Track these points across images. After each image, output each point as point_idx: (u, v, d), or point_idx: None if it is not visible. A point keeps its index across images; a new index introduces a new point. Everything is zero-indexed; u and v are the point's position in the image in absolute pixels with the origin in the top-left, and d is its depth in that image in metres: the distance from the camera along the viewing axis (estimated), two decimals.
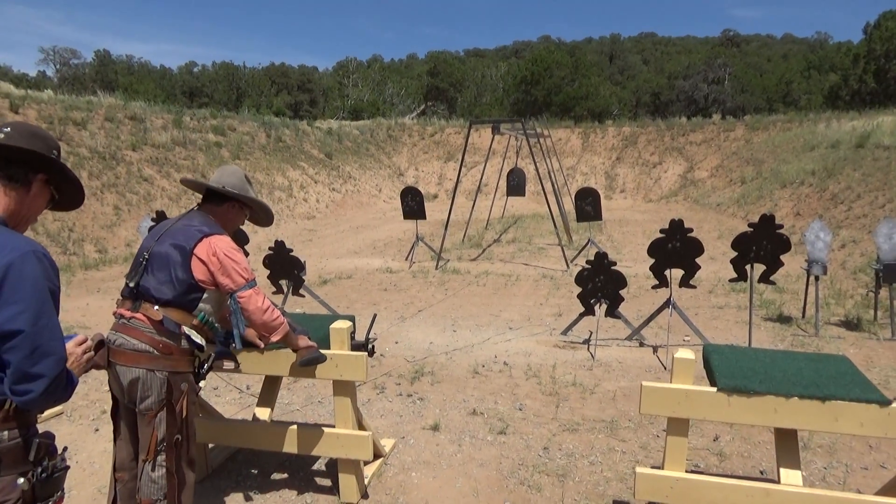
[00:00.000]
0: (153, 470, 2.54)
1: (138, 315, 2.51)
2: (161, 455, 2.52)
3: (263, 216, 3.02)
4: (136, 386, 2.48)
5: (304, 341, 3.04)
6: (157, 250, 2.56)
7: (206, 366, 2.70)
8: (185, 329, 2.54)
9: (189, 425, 2.63)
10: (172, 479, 2.55)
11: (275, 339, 2.78)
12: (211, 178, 2.83)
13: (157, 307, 2.50)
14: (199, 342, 2.59)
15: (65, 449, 1.91)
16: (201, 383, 2.70)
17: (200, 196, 2.89)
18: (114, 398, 2.68)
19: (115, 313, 2.62)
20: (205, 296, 2.59)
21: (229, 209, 2.83)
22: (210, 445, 3.82)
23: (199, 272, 2.54)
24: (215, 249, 2.56)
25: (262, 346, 3.05)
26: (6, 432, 1.71)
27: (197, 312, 2.58)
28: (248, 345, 3.07)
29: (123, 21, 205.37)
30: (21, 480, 1.72)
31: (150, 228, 7.57)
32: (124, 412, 2.66)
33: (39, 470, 1.76)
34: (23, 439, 1.74)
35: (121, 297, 2.63)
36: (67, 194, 2.06)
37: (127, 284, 2.60)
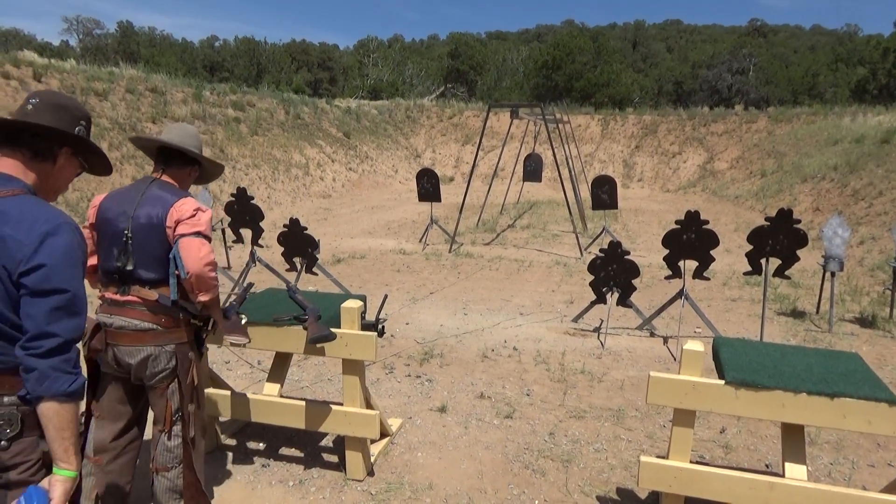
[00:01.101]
0: (169, 439, 2.58)
1: (131, 297, 2.49)
2: (177, 424, 2.58)
3: (217, 173, 2.98)
4: (146, 363, 2.51)
5: (224, 321, 2.86)
6: (135, 229, 2.50)
7: (205, 332, 2.73)
8: (181, 301, 2.56)
9: (200, 393, 2.68)
10: (188, 446, 2.61)
11: (203, 298, 2.55)
12: (167, 136, 2.71)
13: (149, 287, 2.50)
14: (195, 310, 2.61)
15: (83, 414, 1.96)
16: (202, 348, 2.74)
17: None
18: (95, 377, 2.64)
19: (101, 297, 2.58)
20: None
21: (190, 172, 2.78)
22: (220, 418, 3.88)
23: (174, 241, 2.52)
24: (182, 212, 2.50)
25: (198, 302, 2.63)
26: None
27: None
28: (182, 306, 2.66)
29: None
30: (42, 442, 1.78)
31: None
32: (116, 389, 2.63)
33: None
34: None
35: (101, 281, 2.59)
36: (95, 164, 2.13)
37: (106, 268, 2.55)
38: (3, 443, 1.76)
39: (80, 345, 1.88)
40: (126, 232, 2.50)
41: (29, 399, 1.74)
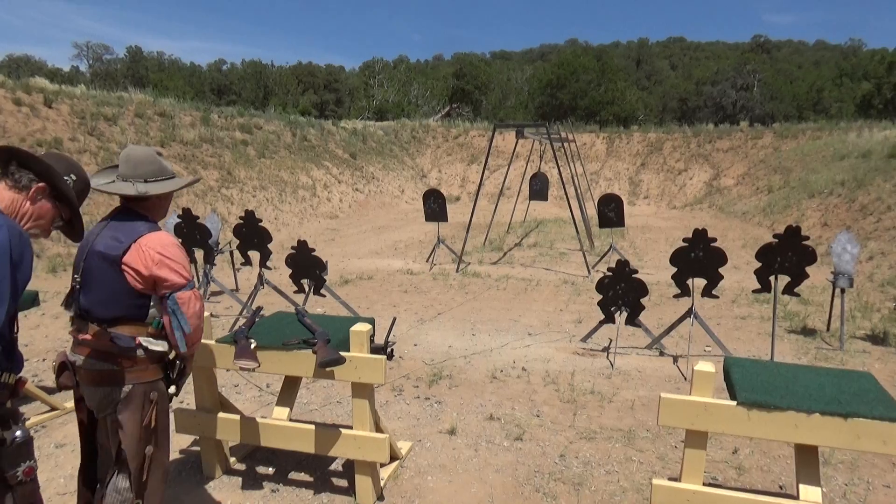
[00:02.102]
0: (119, 481, 2.48)
1: (88, 336, 2.43)
2: (129, 465, 2.46)
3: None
4: (105, 402, 2.45)
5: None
6: (88, 267, 2.44)
7: (178, 369, 2.63)
8: (141, 340, 2.45)
9: (160, 434, 2.55)
10: (141, 491, 2.48)
11: (193, 350, 2.55)
12: (120, 171, 2.55)
13: (104, 325, 2.41)
14: (160, 349, 2.50)
15: (24, 420, 1.98)
16: (171, 389, 2.63)
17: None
18: (86, 418, 2.61)
19: (70, 333, 2.55)
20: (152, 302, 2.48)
21: (159, 197, 2.61)
22: (230, 443, 3.87)
23: (134, 281, 2.40)
24: (149, 251, 2.40)
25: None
26: None
27: (150, 320, 2.48)
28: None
29: (155, 18, 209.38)
30: None
31: (175, 226, 7.65)
32: (103, 423, 2.58)
33: None
34: None
35: (71, 318, 2.55)
36: (73, 225, 2.28)
37: (71, 307, 2.52)
38: None
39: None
40: (76, 276, 2.48)
41: None
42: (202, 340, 2.98)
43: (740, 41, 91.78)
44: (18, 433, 1.94)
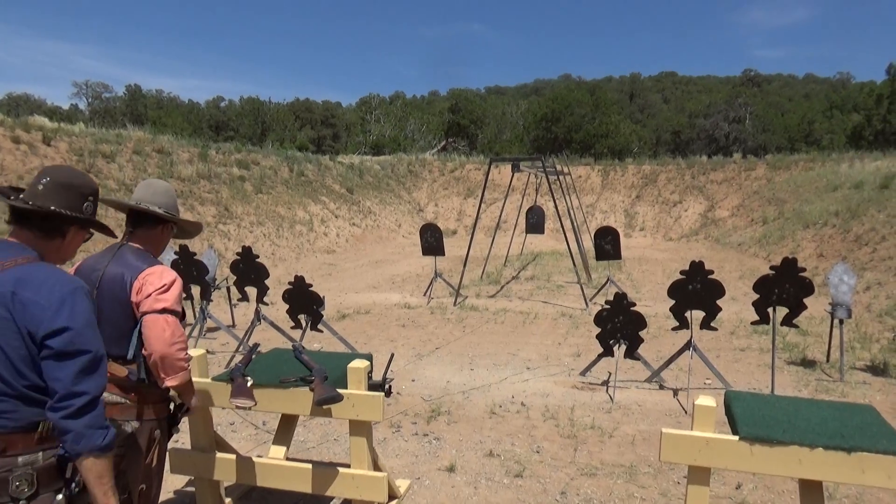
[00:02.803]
0: None
1: None
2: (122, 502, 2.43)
3: (194, 230, 2.90)
4: None
5: (195, 400, 2.70)
6: (99, 306, 2.42)
7: (181, 411, 2.65)
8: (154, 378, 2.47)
9: (157, 474, 2.56)
10: None
11: (170, 383, 2.42)
12: (136, 195, 2.62)
13: (120, 362, 2.43)
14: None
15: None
16: (174, 429, 2.64)
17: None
18: None
19: None
20: None
21: (163, 231, 2.66)
22: (224, 483, 3.80)
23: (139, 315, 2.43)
24: (144, 284, 2.41)
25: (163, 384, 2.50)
26: (41, 453, 1.88)
27: None
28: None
29: (154, 57, 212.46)
30: (59, 497, 1.90)
31: (172, 262, 7.63)
32: None
33: (73, 485, 1.93)
34: (56, 458, 1.91)
35: None
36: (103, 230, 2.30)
37: None
38: (21, 503, 1.85)
39: None
40: None
41: (67, 457, 1.87)
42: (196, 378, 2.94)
43: (731, 75, 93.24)
44: (59, 496, 1.96)
